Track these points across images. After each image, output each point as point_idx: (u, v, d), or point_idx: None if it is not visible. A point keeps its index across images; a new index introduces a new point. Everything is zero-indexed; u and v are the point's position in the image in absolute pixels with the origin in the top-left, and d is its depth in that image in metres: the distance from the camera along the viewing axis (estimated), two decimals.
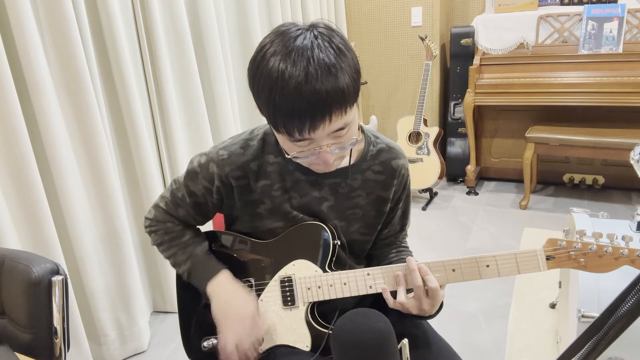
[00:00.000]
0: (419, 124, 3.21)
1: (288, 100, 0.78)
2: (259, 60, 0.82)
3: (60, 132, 1.66)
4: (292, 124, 0.81)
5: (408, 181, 1.11)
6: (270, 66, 0.79)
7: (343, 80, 0.80)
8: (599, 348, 0.53)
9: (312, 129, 0.81)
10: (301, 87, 0.77)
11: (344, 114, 0.83)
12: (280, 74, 0.78)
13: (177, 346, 2.06)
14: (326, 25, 0.84)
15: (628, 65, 2.81)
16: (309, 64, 0.78)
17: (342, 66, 0.80)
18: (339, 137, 0.86)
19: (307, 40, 0.80)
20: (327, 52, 0.79)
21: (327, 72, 0.78)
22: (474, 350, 1.89)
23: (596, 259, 0.88)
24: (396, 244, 1.15)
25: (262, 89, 0.81)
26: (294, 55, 0.78)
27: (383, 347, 0.84)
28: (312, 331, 1.01)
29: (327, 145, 0.86)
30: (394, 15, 3.52)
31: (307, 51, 0.78)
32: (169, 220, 1.08)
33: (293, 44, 0.79)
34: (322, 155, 0.87)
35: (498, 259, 0.93)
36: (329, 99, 0.79)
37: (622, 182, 3.25)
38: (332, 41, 0.81)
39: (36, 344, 1.00)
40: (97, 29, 1.84)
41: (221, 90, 2.36)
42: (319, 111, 0.79)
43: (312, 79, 0.77)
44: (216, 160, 1.00)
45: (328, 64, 0.78)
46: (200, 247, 1.07)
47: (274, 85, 0.79)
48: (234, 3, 2.56)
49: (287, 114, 0.80)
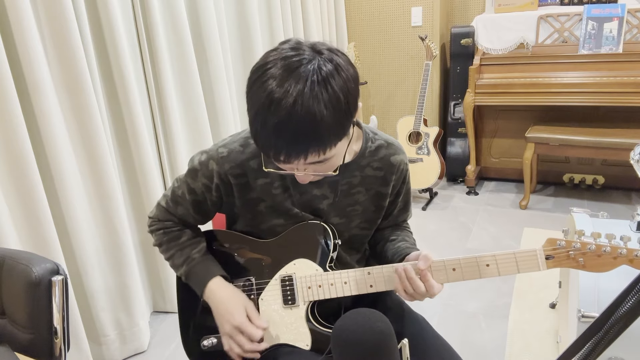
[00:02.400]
0: (419, 124, 3.21)
1: (268, 133, 0.79)
2: (260, 74, 0.81)
3: (60, 132, 1.66)
4: (268, 150, 0.83)
5: (407, 175, 1.12)
6: (263, 89, 0.79)
7: (325, 125, 0.79)
8: (599, 348, 0.53)
9: (287, 161, 0.83)
10: (281, 126, 0.78)
11: (321, 154, 0.83)
12: (267, 104, 0.78)
13: (177, 346, 2.06)
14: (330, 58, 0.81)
15: (628, 65, 2.82)
16: (294, 106, 0.77)
17: (331, 113, 0.78)
18: (316, 167, 0.88)
19: (302, 79, 0.78)
20: (318, 99, 0.77)
21: (311, 120, 0.77)
22: (474, 350, 1.89)
23: (595, 258, 0.89)
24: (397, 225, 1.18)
25: (251, 108, 0.82)
26: (286, 88, 0.77)
27: (383, 347, 0.84)
28: (312, 330, 1.01)
29: (304, 169, 0.88)
30: (394, 15, 3.52)
31: (299, 95, 0.77)
32: (168, 219, 1.09)
33: (290, 75, 0.78)
34: (297, 176, 0.91)
35: (498, 258, 0.93)
36: (306, 142, 0.80)
37: (622, 182, 3.25)
38: (330, 82, 0.79)
39: (36, 344, 1.00)
40: (97, 29, 1.84)
41: (221, 90, 2.36)
42: (294, 150, 0.81)
43: (295, 120, 0.77)
44: (216, 158, 1.00)
45: (314, 112, 0.77)
46: (196, 249, 1.07)
47: (259, 112, 0.79)
48: (234, 3, 2.56)
49: (267, 139, 0.81)
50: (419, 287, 0.94)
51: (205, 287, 1.03)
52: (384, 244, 1.13)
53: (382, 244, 1.14)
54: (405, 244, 1.08)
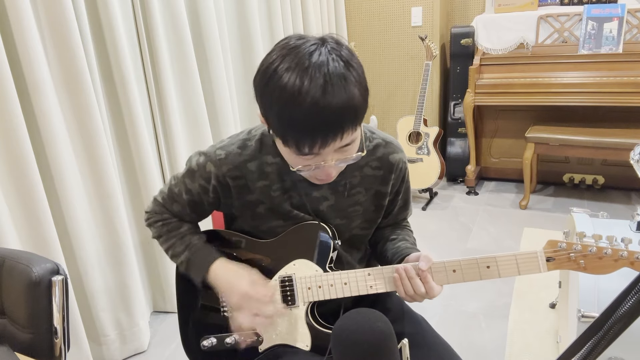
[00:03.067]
0: (419, 124, 3.21)
1: (303, 117, 0.78)
2: (271, 73, 0.81)
3: (60, 132, 1.66)
4: (304, 140, 0.81)
5: (406, 174, 1.11)
6: (285, 81, 0.78)
7: (356, 97, 0.81)
8: (599, 348, 0.53)
9: (323, 146, 0.82)
10: (318, 104, 0.77)
11: (354, 131, 0.84)
12: (297, 90, 0.77)
13: (177, 346, 2.06)
14: (336, 40, 0.85)
15: (628, 65, 2.81)
16: (325, 80, 0.78)
17: (354, 82, 0.81)
18: (344, 152, 0.87)
19: (322, 56, 0.80)
20: (341, 69, 0.80)
21: (342, 89, 0.79)
22: (474, 350, 1.89)
23: (596, 260, 0.88)
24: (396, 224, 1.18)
25: (276, 103, 0.80)
26: (311, 72, 0.78)
27: (383, 347, 0.84)
28: (312, 331, 1.01)
29: (332, 160, 0.87)
30: (394, 15, 3.52)
31: (324, 67, 0.78)
32: (165, 212, 1.09)
33: (309, 59, 0.79)
34: (326, 169, 0.88)
35: (498, 260, 0.93)
36: (343, 116, 0.80)
37: (622, 182, 3.25)
38: (343, 56, 0.82)
39: (36, 344, 1.00)
40: (97, 29, 1.84)
41: (221, 90, 2.36)
42: (332, 129, 0.80)
43: (328, 96, 0.78)
44: (214, 160, 1.00)
45: (342, 81, 0.79)
46: (197, 236, 1.08)
47: (289, 101, 0.78)
48: (233, 3, 2.56)
49: (300, 130, 0.80)
50: (419, 288, 0.94)
51: (209, 269, 1.02)
52: (384, 243, 1.13)
53: (382, 243, 1.14)
54: (405, 244, 1.08)
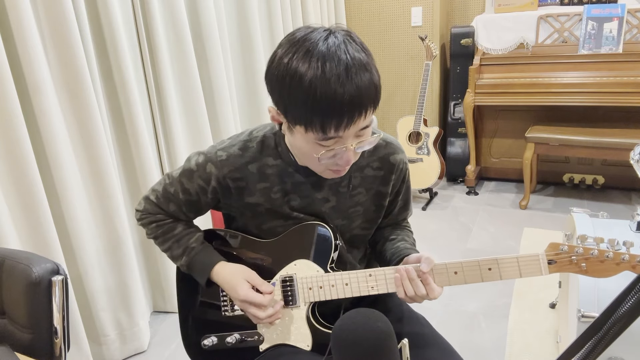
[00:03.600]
0: (419, 124, 3.21)
1: (330, 96, 0.78)
2: (285, 65, 0.81)
3: (60, 132, 1.66)
4: (330, 121, 0.81)
5: (407, 174, 1.12)
6: (305, 68, 0.79)
7: (376, 77, 0.83)
8: (599, 348, 0.53)
9: (349, 125, 0.82)
10: (344, 83, 0.78)
11: (373, 111, 0.85)
12: (321, 72, 0.78)
13: (177, 346, 2.06)
14: (343, 29, 0.85)
15: (628, 65, 2.82)
16: (347, 60, 0.79)
17: (372, 64, 0.83)
18: (362, 136, 0.88)
19: (337, 40, 0.81)
20: (358, 51, 0.81)
21: (363, 69, 0.80)
22: (474, 350, 1.89)
23: (598, 264, 0.88)
24: (397, 224, 1.18)
25: (297, 90, 0.80)
26: (331, 54, 0.79)
27: (383, 347, 0.84)
28: (313, 331, 1.01)
29: (351, 144, 0.87)
30: (394, 15, 3.52)
31: (342, 48, 0.80)
32: (159, 212, 1.08)
33: (324, 44, 0.80)
34: (347, 154, 0.88)
35: (500, 262, 0.93)
36: (367, 95, 0.81)
37: (622, 182, 3.25)
38: (356, 41, 0.83)
39: (36, 344, 1.00)
40: (97, 29, 1.84)
41: (221, 90, 2.36)
42: (357, 107, 0.81)
43: (352, 75, 0.79)
44: (214, 161, 1.00)
45: (362, 60, 0.81)
46: (193, 238, 1.07)
47: (314, 82, 0.78)
48: (234, 3, 2.56)
49: (327, 110, 0.80)
50: (420, 289, 0.94)
51: (210, 273, 1.03)
52: (383, 243, 1.13)
53: (381, 243, 1.14)
54: (404, 244, 1.08)
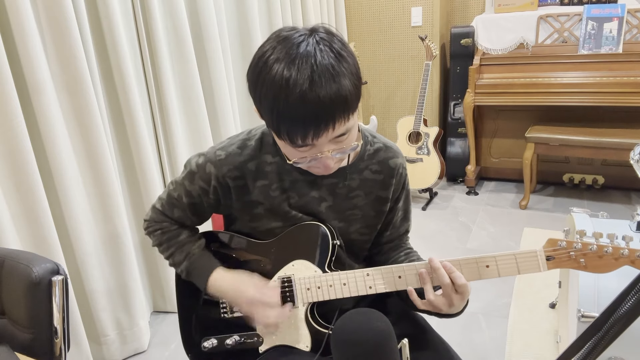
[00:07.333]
0: (419, 124, 3.21)
1: (292, 108, 0.78)
2: (261, 66, 0.81)
3: (60, 132, 1.66)
4: (295, 132, 0.81)
5: (406, 180, 1.11)
6: (273, 73, 0.79)
7: (346, 87, 0.80)
8: (599, 348, 0.53)
9: (316, 136, 0.81)
10: (306, 95, 0.77)
11: (346, 120, 0.83)
12: (285, 82, 0.77)
13: (177, 346, 2.06)
14: (327, 30, 0.84)
15: (628, 65, 2.81)
16: (312, 71, 0.77)
17: (345, 72, 0.80)
18: (340, 142, 0.87)
19: (310, 46, 0.79)
20: (329, 59, 0.79)
21: (330, 80, 0.78)
22: (474, 350, 1.89)
23: (596, 259, 0.88)
24: (402, 246, 1.15)
25: (266, 96, 0.80)
26: (298, 62, 0.78)
27: (383, 347, 0.84)
28: (312, 331, 1.01)
29: (328, 151, 0.86)
30: (394, 15, 3.52)
31: (311, 58, 0.78)
32: (165, 220, 1.09)
33: (296, 50, 0.79)
34: (323, 160, 0.88)
35: (498, 259, 0.93)
36: (333, 106, 0.79)
37: (622, 182, 3.25)
38: (333, 47, 0.81)
39: (36, 344, 1.00)
40: (97, 29, 1.84)
41: (221, 90, 2.36)
42: (323, 119, 0.79)
43: (316, 87, 0.77)
44: (213, 161, 1.00)
45: (331, 71, 0.78)
46: (196, 245, 1.08)
47: (278, 93, 0.78)
48: (234, 3, 2.56)
49: (291, 121, 0.80)
50: (442, 276, 0.90)
51: (209, 278, 1.03)
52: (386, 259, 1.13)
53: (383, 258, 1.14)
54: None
